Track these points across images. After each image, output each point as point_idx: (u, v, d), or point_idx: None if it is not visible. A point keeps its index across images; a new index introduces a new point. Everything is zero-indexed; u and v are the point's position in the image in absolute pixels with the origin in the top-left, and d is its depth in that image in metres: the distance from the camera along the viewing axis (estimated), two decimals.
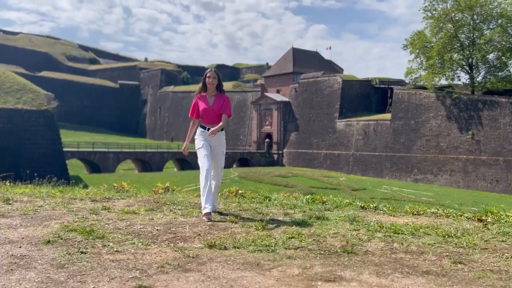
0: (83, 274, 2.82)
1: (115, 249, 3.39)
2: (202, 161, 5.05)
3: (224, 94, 5.42)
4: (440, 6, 47.19)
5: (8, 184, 7.19)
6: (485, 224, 4.79)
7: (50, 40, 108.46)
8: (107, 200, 5.78)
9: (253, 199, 6.28)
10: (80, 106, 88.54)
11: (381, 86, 59.48)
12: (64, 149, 46.03)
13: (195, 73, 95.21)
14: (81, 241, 3.60)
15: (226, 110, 5.23)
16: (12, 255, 3.16)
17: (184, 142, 5.43)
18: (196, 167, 52.65)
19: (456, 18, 46.33)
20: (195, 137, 5.20)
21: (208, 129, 5.13)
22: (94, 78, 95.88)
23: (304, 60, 69.37)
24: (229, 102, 5.40)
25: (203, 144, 5.12)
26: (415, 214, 5.55)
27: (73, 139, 59.21)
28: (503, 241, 4.07)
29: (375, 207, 5.96)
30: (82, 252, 3.28)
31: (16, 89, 45.64)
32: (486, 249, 3.74)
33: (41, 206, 5.15)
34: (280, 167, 57.70)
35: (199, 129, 5.24)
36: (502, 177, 41.64)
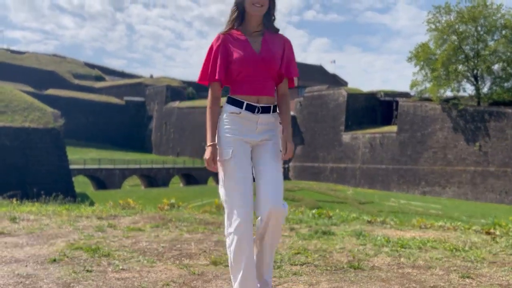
0: None
1: (121, 267, 3.39)
2: (232, 195, 2.53)
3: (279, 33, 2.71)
4: (444, 18, 47.35)
5: (15, 202, 7.22)
6: (493, 237, 4.74)
7: (56, 58, 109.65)
8: (113, 217, 5.78)
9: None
10: (86, 123, 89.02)
11: (386, 99, 59.50)
12: (71, 166, 46.21)
13: (200, 88, 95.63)
14: (87, 259, 3.60)
15: (291, 67, 2.67)
16: (18, 274, 3.16)
17: (207, 146, 2.58)
18: (202, 181, 52.10)
19: (460, 30, 46.42)
20: (218, 130, 2.62)
21: (253, 109, 2.56)
22: (100, 95, 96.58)
23: (308, 74, 69.65)
24: (293, 50, 2.75)
25: (231, 152, 2.53)
26: (423, 228, 5.50)
27: (79, 156, 59.48)
28: (511, 254, 4.03)
29: (382, 221, 5.92)
30: (87, 271, 3.27)
31: (23, 108, 46.05)
32: (494, 263, 3.70)
33: (47, 224, 5.16)
34: (286, 181, 57.59)
35: (228, 111, 2.62)
36: (511, 188, 41.28)
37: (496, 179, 42.35)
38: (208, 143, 2.58)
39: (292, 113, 64.19)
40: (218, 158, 2.55)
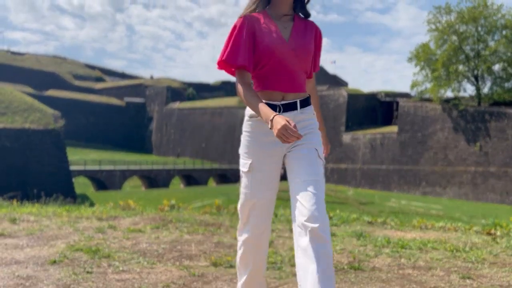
0: None
1: (121, 269, 3.38)
2: (246, 211, 2.27)
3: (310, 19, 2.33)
4: (444, 18, 47.36)
5: (15, 203, 7.22)
6: (494, 238, 4.74)
7: (56, 59, 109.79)
8: (113, 218, 5.78)
9: None
10: (86, 124, 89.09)
11: (386, 99, 59.54)
12: (71, 168, 46.23)
13: (200, 89, 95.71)
14: (87, 260, 3.60)
15: (318, 61, 2.39)
16: (18, 276, 3.16)
17: (270, 120, 1.96)
18: (202, 181, 52.34)
19: (461, 30, 46.43)
20: (242, 137, 2.29)
21: (273, 109, 2.12)
22: (101, 96, 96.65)
23: None
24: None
25: (250, 164, 2.22)
26: (423, 229, 5.50)
27: (80, 157, 59.52)
28: None
29: (382, 222, 5.91)
30: (87, 272, 3.27)
31: (23, 109, 46.08)
32: (495, 263, 3.69)
33: (47, 225, 5.16)
34: (286, 182, 57.49)
35: (247, 114, 2.28)
36: None
37: (497, 179, 42.32)
38: (270, 116, 1.95)
39: None
40: (241, 165, 2.27)
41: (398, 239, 4.57)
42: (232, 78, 2.23)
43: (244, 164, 2.23)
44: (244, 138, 2.24)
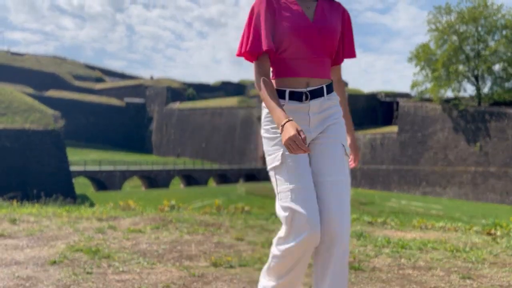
0: None
1: (121, 269, 3.38)
2: (292, 210, 1.91)
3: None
4: (444, 18, 47.37)
5: (15, 204, 7.22)
6: (494, 238, 4.74)
7: (56, 60, 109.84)
8: (113, 218, 5.78)
9: (259, 216, 6.25)
10: (86, 124, 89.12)
11: (386, 99, 59.56)
12: (71, 168, 46.24)
13: (200, 89, 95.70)
14: (87, 261, 3.60)
15: (351, 46, 2.17)
16: (18, 277, 3.16)
17: (281, 125, 1.79)
18: (202, 182, 52.40)
19: (461, 30, 46.44)
20: (264, 132, 2.07)
21: (299, 97, 1.99)
22: (101, 96, 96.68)
23: None
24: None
25: (281, 155, 1.96)
26: (423, 229, 5.50)
27: (80, 157, 59.54)
28: None
29: (382, 222, 5.91)
30: (87, 273, 3.27)
31: (23, 109, 46.10)
32: (495, 263, 3.69)
33: (47, 226, 5.15)
34: None
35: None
36: None
37: (497, 179, 42.32)
38: (281, 122, 1.80)
39: None
40: (267, 167, 2.02)
41: (398, 239, 4.57)
42: (232, 79, 2.21)
43: (274, 158, 1.97)
44: (267, 133, 2.03)
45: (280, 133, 1.81)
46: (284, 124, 1.80)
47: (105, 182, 51.68)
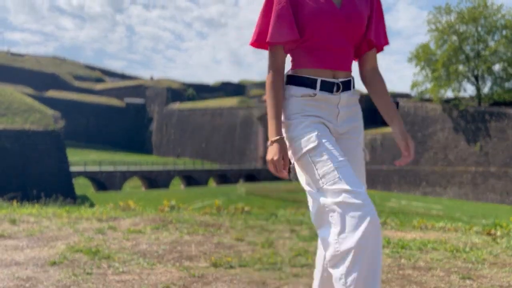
0: None
1: (121, 270, 3.38)
2: (340, 193, 1.62)
3: None
4: (444, 18, 47.39)
5: (15, 204, 7.22)
6: (494, 238, 4.74)
7: (56, 60, 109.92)
8: (113, 219, 5.78)
9: (259, 216, 6.25)
10: (86, 124, 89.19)
11: None
12: (71, 168, 46.26)
13: (200, 90, 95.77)
14: (87, 261, 3.60)
15: (382, 32, 1.96)
16: (18, 277, 3.16)
17: (271, 142, 1.77)
18: (202, 182, 52.42)
19: (461, 30, 46.45)
20: (288, 114, 1.83)
21: (330, 87, 1.82)
22: (101, 96, 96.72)
23: None
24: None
25: (316, 135, 1.74)
26: (423, 229, 5.50)
27: (80, 158, 59.56)
28: None
29: (382, 222, 5.91)
30: (87, 273, 3.27)
31: (23, 110, 46.12)
32: (495, 264, 3.69)
33: (47, 226, 5.15)
34: (287, 182, 57.61)
35: (294, 94, 1.84)
36: None
37: (497, 179, 42.31)
38: (273, 137, 1.77)
39: None
40: (295, 156, 1.77)
41: (398, 239, 4.57)
42: (232, 79, 2.13)
43: (307, 141, 1.74)
44: (296, 119, 1.80)
45: (267, 145, 1.78)
46: (275, 141, 1.76)
47: (105, 182, 51.69)
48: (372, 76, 1.98)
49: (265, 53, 1.91)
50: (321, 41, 1.80)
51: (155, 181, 55.44)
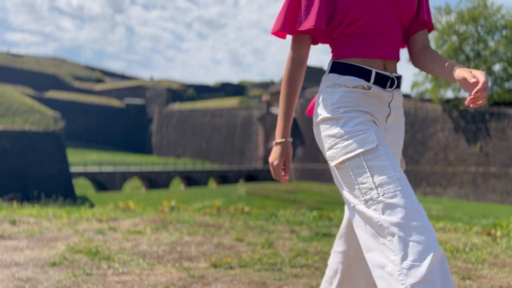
0: None
1: (121, 270, 3.38)
2: (399, 211, 1.34)
3: None
4: (444, 18, 47.41)
5: (15, 205, 7.22)
6: (494, 239, 4.73)
7: (56, 61, 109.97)
8: (113, 220, 5.78)
9: (259, 216, 6.25)
10: (86, 125, 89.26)
11: None
12: (71, 169, 46.29)
13: (200, 90, 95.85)
14: (87, 262, 3.60)
15: (430, 13, 1.71)
16: (18, 278, 3.16)
17: (275, 143, 1.66)
18: (202, 182, 52.49)
19: (461, 30, 46.47)
20: (334, 107, 1.52)
21: (384, 81, 1.56)
22: (101, 97, 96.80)
23: (309, 76, 69.73)
24: None
25: (375, 135, 1.45)
26: None
27: (80, 158, 59.57)
28: None
29: None
30: (87, 274, 3.27)
31: (23, 110, 46.13)
32: (495, 264, 3.69)
33: (47, 227, 5.15)
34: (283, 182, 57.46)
35: (345, 84, 1.54)
36: None
37: (497, 179, 42.32)
38: (278, 138, 1.64)
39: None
40: (340, 157, 1.47)
41: None
42: (232, 79, 1.99)
43: (364, 140, 1.45)
44: (346, 112, 1.50)
45: (270, 146, 1.59)
46: (280, 143, 1.63)
47: (105, 183, 51.69)
48: (430, 55, 1.67)
49: (265, 53, 1.80)
50: (367, 25, 1.55)
51: (155, 181, 55.44)
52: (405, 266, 1.32)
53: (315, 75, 71.34)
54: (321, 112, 1.56)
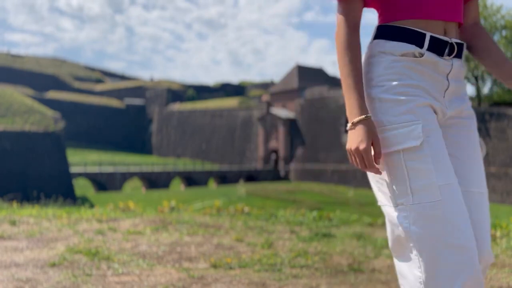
0: None
1: (120, 271, 3.38)
2: (433, 225, 1.19)
3: None
4: None
5: (15, 205, 7.22)
6: (494, 239, 4.73)
7: (56, 61, 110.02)
8: (113, 220, 5.78)
9: (259, 217, 6.25)
10: (87, 125, 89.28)
11: None
12: (72, 169, 46.29)
13: (200, 90, 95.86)
14: (86, 263, 3.60)
15: None
16: (18, 279, 3.15)
17: (351, 124, 1.25)
18: (202, 183, 52.71)
19: None
20: (376, 82, 1.29)
21: (442, 47, 1.29)
22: (101, 97, 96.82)
23: (309, 76, 69.78)
24: None
25: (421, 129, 1.22)
26: None
27: (80, 158, 59.58)
28: None
29: (383, 223, 5.91)
30: (87, 275, 3.27)
31: (23, 111, 46.15)
32: (494, 264, 3.69)
33: (47, 227, 5.15)
34: (287, 183, 57.62)
35: (392, 52, 1.29)
36: None
37: (497, 179, 42.33)
38: (355, 116, 1.26)
39: (292, 114, 64.10)
40: (386, 148, 1.26)
41: None
42: (232, 80, 1.80)
43: (408, 134, 1.23)
44: (387, 93, 1.28)
45: (346, 130, 1.28)
46: (359, 121, 1.25)
47: (105, 183, 51.70)
48: (476, 32, 1.45)
49: (265, 53, 1.66)
50: None
51: (155, 182, 55.44)
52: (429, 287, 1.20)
53: (314, 74, 71.38)
54: (364, 88, 1.31)
